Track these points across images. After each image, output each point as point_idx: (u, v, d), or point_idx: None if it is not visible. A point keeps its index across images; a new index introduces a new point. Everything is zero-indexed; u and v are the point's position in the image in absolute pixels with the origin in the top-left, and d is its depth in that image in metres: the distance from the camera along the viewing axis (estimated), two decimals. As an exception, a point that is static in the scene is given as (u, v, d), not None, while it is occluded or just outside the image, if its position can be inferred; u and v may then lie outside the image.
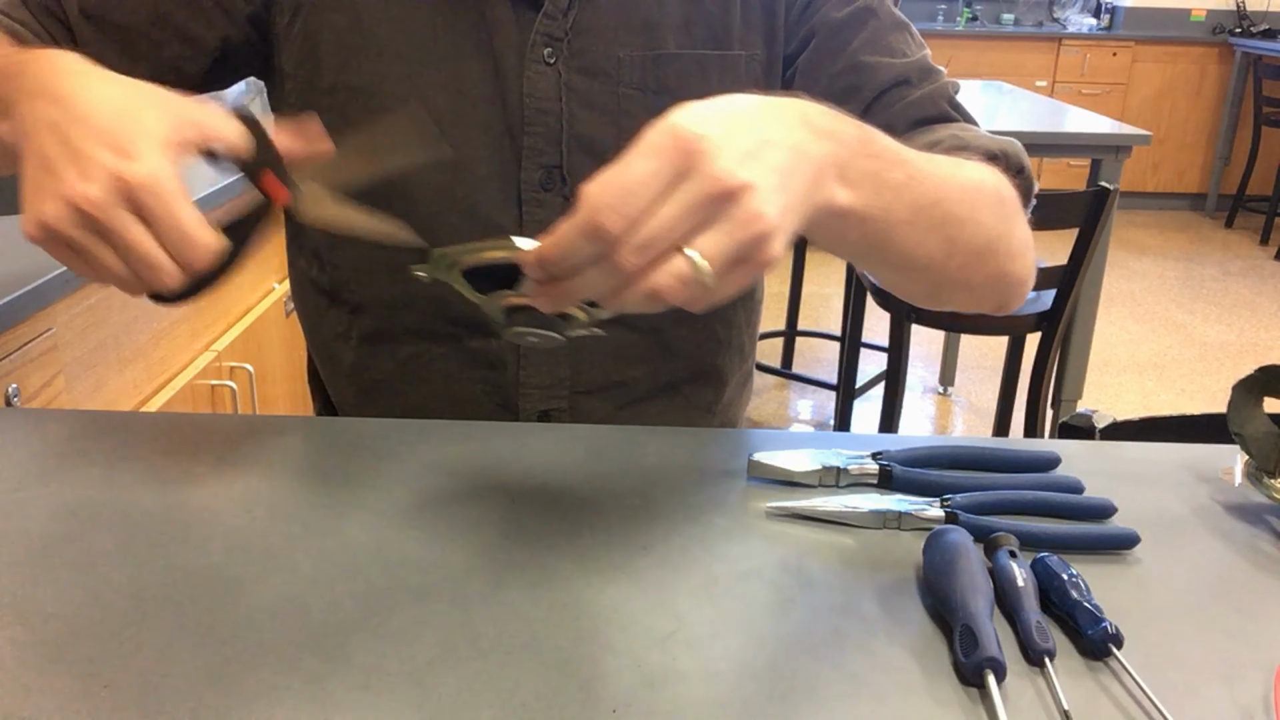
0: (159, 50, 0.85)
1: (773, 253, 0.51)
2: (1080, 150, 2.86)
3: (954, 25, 6.18)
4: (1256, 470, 0.73)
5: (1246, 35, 5.93)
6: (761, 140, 0.52)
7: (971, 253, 0.73)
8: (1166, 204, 6.26)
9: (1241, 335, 4.21)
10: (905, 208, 0.64)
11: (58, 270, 1.30)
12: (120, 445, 0.78)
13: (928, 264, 0.70)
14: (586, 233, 0.49)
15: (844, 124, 0.60)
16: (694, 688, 0.54)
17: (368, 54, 0.85)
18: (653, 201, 0.49)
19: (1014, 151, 0.83)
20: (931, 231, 0.68)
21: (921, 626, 0.59)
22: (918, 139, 0.82)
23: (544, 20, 0.83)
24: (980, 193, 0.73)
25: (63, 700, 0.52)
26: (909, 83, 0.87)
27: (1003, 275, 0.78)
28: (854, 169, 0.59)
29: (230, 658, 0.55)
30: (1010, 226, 0.77)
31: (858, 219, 0.61)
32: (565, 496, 0.72)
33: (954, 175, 0.71)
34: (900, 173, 0.64)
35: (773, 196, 0.51)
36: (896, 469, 0.74)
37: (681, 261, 0.49)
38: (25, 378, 1.26)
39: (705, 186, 0.49)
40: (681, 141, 0.50)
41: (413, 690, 0.53)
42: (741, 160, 0.50)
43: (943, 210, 0.68)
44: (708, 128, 0.51)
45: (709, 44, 0.86)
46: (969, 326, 2.63)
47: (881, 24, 0.88)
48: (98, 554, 0.64)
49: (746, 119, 0.53)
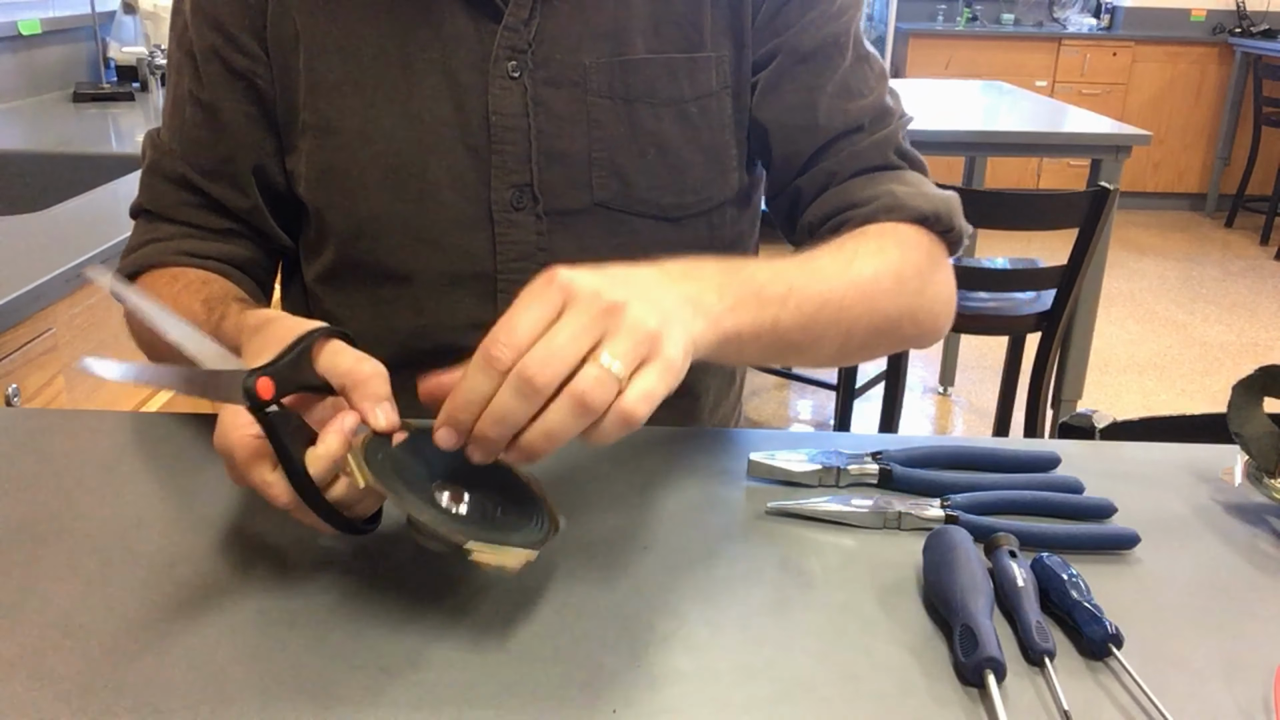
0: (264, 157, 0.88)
1: (669, 351, 0.55)
2: (1080, 150, 2.86)
3: (954, 25, 6.18)
4: (1256, 470, 0.73)
5: (1246, 35, 5.93)
6: (627, 277, 0.58)
7: (871, 333, 0.78)
8: (1166, 204, 6.26)
9: (1241, 335, 4.21)
10: (792, 316, 0.70)
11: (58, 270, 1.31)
12: (120, 445, 0.78)
13: (830, 353, 0.77)
14: (481, 366, 0.54)
15: (701, 266, 0.66)
16: (694, 688, 0.54)
17: (322, 91, 0.83)
18: (542, 332, 0.54)
19: (946, 211, 0.85)
20: (826, 328, 0.74)
21: (921, 626, 0.59)
22: (859, 190, 0.85)
23: (505, 32, 0.81)
24: (876, 283, 0.77)
25: (63, 700, 0.52)
26: (860, 129, 0.87)
27: (910, 339, 0.84)
28: (729, 295, 0.65)
29: (230, 657, 0.55)
30: (918, 299, 0.82)
31: (751, 335, 0.67)
32: (565, 497, 0.72)
33: (843, 273, 0.76)
34: (779, 286, 0.69)
35: (649, 309, 0.56)
36: (896, 469, 0.74)
37: (590, 365, 0.53)
38: (25, 378, 1.26)
39: (589, 307, 0.54)
40: (558, 285, 0.55)
41: (412, 690, 0.53)
42: (613, 288, 0.56)
43: (833, 309, 0.74)
44: (579, 275, 0.56)
45: (680, 46, 0.84)
46: (969, 327, 2.63)
47: (845, 62, 0.87)
48: (98, 554, 0.64)
49: (613, 271, 0.58)
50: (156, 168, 0.89)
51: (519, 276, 0.84)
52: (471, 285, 0.85)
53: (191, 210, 0.88)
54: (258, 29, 0.84)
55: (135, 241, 0.89)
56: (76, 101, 2.59)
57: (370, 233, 0.85)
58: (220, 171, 0.87)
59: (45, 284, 1.27)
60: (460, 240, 0.84)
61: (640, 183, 0.84)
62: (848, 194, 0.86)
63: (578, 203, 0.84)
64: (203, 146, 0.87)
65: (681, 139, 0.85)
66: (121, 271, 0.88)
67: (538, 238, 0.84)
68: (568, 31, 0.82)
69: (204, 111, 0.86)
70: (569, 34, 0.82)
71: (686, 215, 0.87)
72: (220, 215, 0.88)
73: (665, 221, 0.86)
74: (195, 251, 0.86)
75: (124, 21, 2.86)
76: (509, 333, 0.54)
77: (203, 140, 0.87)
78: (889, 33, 5.68)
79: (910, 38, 5.95)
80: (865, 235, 0.81)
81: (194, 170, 0.87)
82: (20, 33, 2.48)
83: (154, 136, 0.91)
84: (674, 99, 0.84)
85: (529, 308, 0.55)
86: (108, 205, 1.66)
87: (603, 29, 0.82)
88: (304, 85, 0.84)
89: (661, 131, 0.84)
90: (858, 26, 0.90)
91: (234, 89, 0.85)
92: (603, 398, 0.53)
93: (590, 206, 0.84)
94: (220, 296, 0.78)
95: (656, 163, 0.84)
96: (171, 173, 0.88)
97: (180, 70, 0.87)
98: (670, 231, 0.87)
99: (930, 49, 5.98)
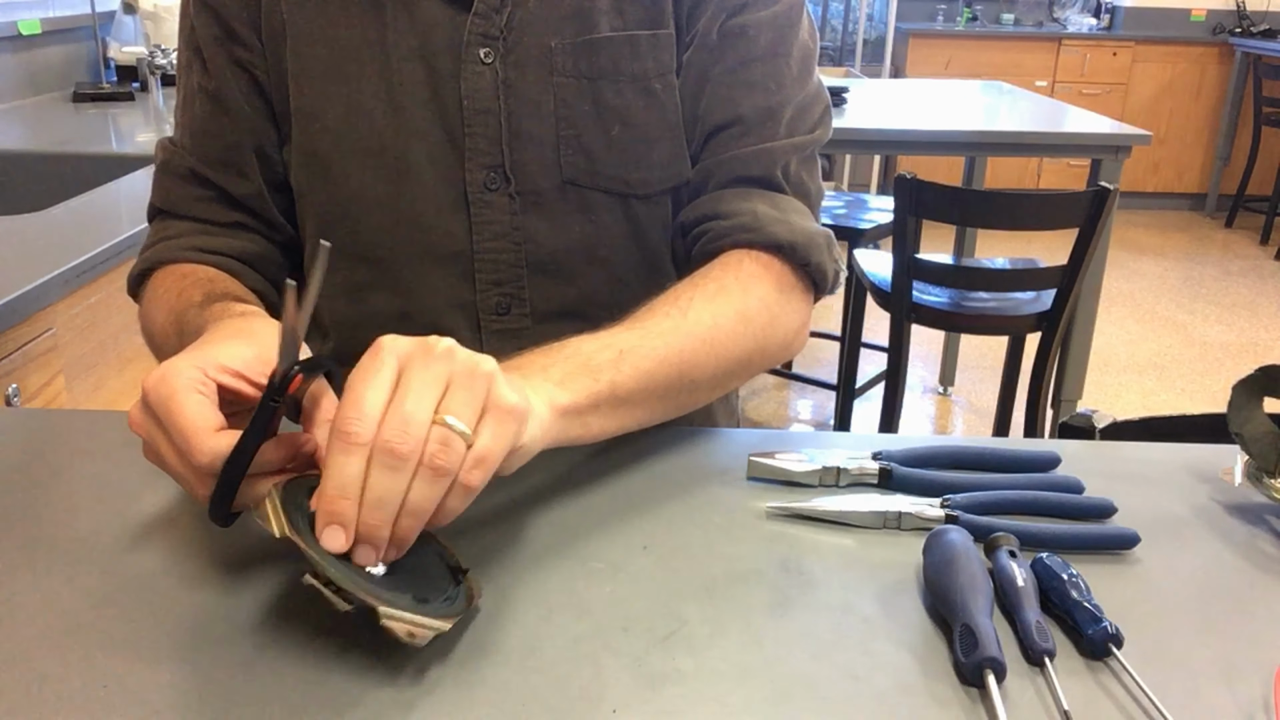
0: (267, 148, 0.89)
1: (505, 396, 0.56)
2: (1080, 150, 2.86)
3: (954, 25, 6.18)
4: (1256, 470, 0.73)
5: (1246, 35, 5.93)
6: (445, 351, 0.57)
7: (722, 375, 0.79)
8: (1166, 204, 6.26)
9: (1241, 335, 4.21)
10: (629, 376, 0.70)
11: (58, 270, 1.31)
12: (120, 445, 0.78)
13: (680, 402, 0.77)
14: (341, 449, 0.52)
15: (523, 356, 0.68)
16: (694, 688, 0.54)
17: (306, 79, 0.86)
18: (388, 401, 0.53)
19: (804, 244, 0.85)
20: (671, 382, 0.74)
21: (921, 626, 0.59)
22: (726, 202, 0.86)
23: (476, 19, 0.83)
24: (715, 329, 0.77)
25: (62, 700, 0.52)
26: (741, 123, 0.86)
27: (761, 369, 0.85)
28: (555, 372, 0.67)
29: (230, 657, 0.55)
30: (766, 332, 0.82)
31: (589, 405, 0.68)
32: (565, 496, 0.72)
33: (678, 327, 0.76)
34: (608, 353, 0.70)
35: (479, 357, 0.56)
36: (896, 469, 0.74)
37: (437, 429, 0.53)
38: (25, 378, 1.26)
39: (424, 361, 0.55)
40: (387, 351, 0.55)
41: (412, 690, 0.53)
42: (440, 341, 0.56)
43: (673, 364, 0.74)
44: (402, 338, 0.56)
45: (643, 24, 0.85)
46: (969, 327, 2.63)
47: (751, 53, 0.86)
48: (98, 554, 0.64)
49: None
50: (167, 167, 0.91)
51: (494, 255, 0.87)
52: (451, 265, 0.87)
53: (201, 204, 0.90)
54: (255, 22, 0.86)
55: (150, 240, 0.91)
56: (76, 101, 2.59)
57: (353, 214, 0.87)
58: (227, 160, 0.89)
59: (45, 284, 1.27)
60: (439, 221, 0.86)
61: (607, 159, 0.86)
62: (715, 203, 0.87)
63: (548, 182, 0.86)
64: (211, 137, 0.89)
65: (645, 115, 0.86)
66: (135, 270, 0.89)
67: (511, 217, 0.86)
68: (537, 17, 0.84)
69: (212, 102, 0.88)
70: (538, 19, 0.84)
71: (654, 192, 0.88)
72: (229, 207, 0.90)
73: (634, 199, 0.88)
74: (205, 247, 0.88)
75: (124, 21, 2.86)
76: (357, 408, 0.53)
77: (211, 131, 0.89)
78: (889, 33, 5.68)
79: (910, 38, 5.95)
80: (707, 276, 0.81)
81: (202, 162, 0.89)
82: (20, 33, 2.48)
83: (165, 141, 0.93)
84: (637, 75, 0.86)
85: (369, 380, 0.54)
86: (108, 205, 1.66)
87: (569, 11, 0.84)
88: (289, 74, 0.86)
89: (625, 107, 0.85)
90: (790, 26, 0.88)
91: (239, 79, 0.87)
92: (453, 459, 0.53)
93: (560, 185, 0.86)
94: (221, 294, 0.80)
95: (622, 139, 0.86)
96: (181, 168, 0.90)
97: (189, 68, 0.90)
98: (639, 208, 0.88)
99: (930, 49, 5.98)
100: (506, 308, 0.88)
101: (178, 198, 0.90)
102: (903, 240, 2.35)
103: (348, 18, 0.85)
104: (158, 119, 2.44)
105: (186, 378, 0.58)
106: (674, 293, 0.80)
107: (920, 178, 2.27)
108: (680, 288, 0.81)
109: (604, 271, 0.89)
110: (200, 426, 0.56)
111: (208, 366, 0.59)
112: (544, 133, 0.85)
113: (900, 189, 2.30)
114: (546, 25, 0.84)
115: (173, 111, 1.00)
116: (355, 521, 0.53)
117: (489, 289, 0.88)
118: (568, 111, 0.85)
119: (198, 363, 0.59)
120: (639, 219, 0.88)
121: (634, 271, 0.90)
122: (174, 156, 0.91)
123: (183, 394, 0.57)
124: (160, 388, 0.58)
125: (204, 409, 0.57)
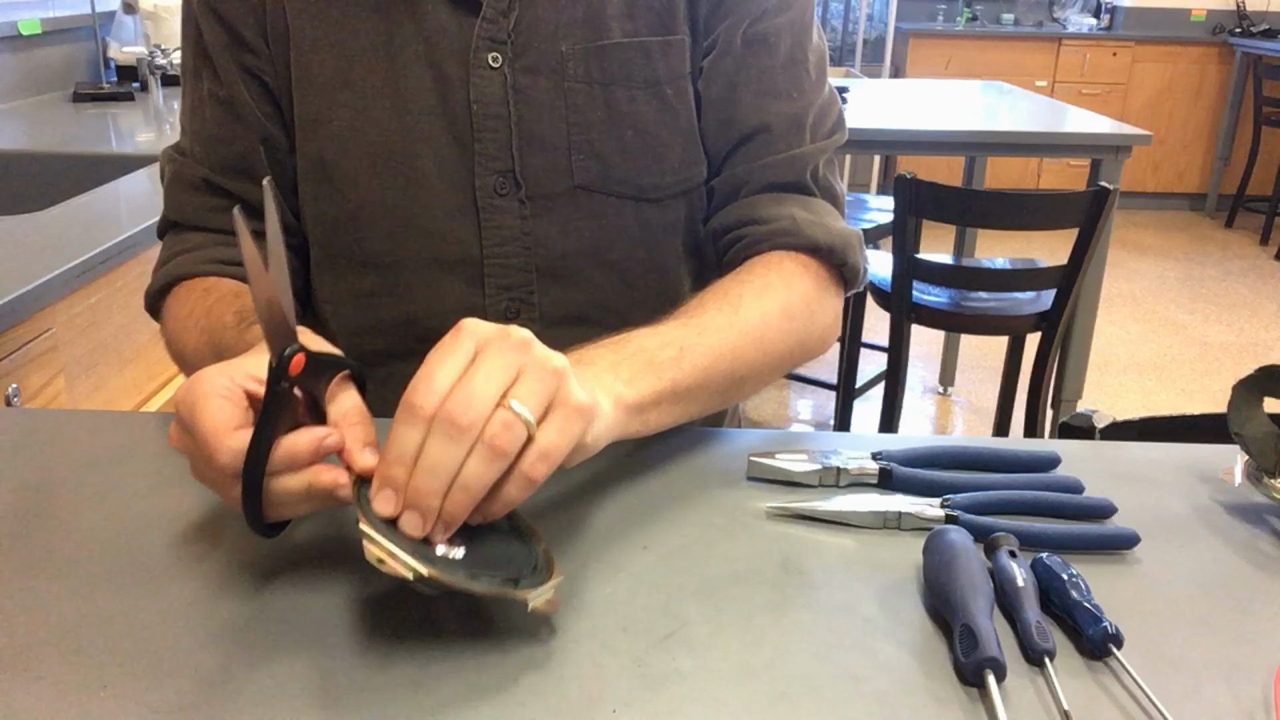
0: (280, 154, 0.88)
1: (574, 394, 0.57)
2: (1080, 150, 2.86)
3: (954, 25, 6.18)
4: (1256, 470, 0.73)
5: (1246, 35, 5.93)
6: (522, 341, 0.57)
7: (766, 370, 0.82)
8: (1166, 204, 6.26)
9: (1241, 335, 4.21)
10: (688, 375, 0.72)
11: (58, 270, 1.31)
12: (120, 445, 0.78)
13: (728, 395, 0.79)
14: (405, 419, 0.54)
15: (589, 352, 0.68)
16: (694, 688, 0.54)
17: (312, 85, 0.85)
18: (459, 379, 0.54)
19: (841, 246, 0.87)
20: (724, 377, 0.76)
21: (921, 626, 0.59)
22: (762, 207, 0.87)
23: (484, 24, 0.83)
24: (764, 326, 0.80)
25: (63, 700, 0.52)
26: (771, 130, 0.87)
27: (799, 364, 0.87)
28: (624, 371, 0.68)
29: (229, 656, 0.55)
30: (807, 328, 0.84)
31: (653, 403, 0.69)
32: (565, 496, 0.72)
33: (731, 323, 0.78)
34: (669, 350, 0.72)
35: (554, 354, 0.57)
36: (896, 469, 0.74)
37: (502, 411, 0.54)
38: (25, 378, 1.26)
39: (500, 347, 0.56)
40: (467, 333, 0.57)
41: (412, 690, 0.53)
42: (519, 330, 0.57)
43: (727, 359, 0.76)
44: (485, 323, 0.58)
45: (654, 29, 0.85)
46: (969, 327, 2.63)
47: (774, 61, 0.87)
48: (98, 554, 0.64)
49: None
50: (178, 178, 0.90)
51: (504, 260, 0.86)
52: (460, 271, 0.87)
53: (216, 214, 0.88)
54: (261, 28, 0.85)
55: (165, 255, 0.89)
56: (76, 101, 2.59)
57: (360, 221, 0.86)
58: (240, 167, 0.87)
59: (45, 284, 1.27)
60: (448, 227, 0.86)
61: (620, 164, 0.86)
62: (751, 209, 0.88)
63: (559, 186, 0.86)
64: (223, 143, 0.87)
65: (658, 120, 0.86)
66: (153, 286, 0.88)
67: (521, 222, 0.86)
68: (545, 20, 0.84)
69: (224, 108, 0.87)
70: (547, 23, 0.84)
71: (666, 196, 0.88)
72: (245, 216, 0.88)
73: (645, 202, 0.88)
74: (226, 259, 0.86)
75: (124, 21, 2.86)
76: (428, 383, 0.54)
77: (223, 138, 0.87)
78: (889, 33, 5.68)
79: (910, 37, 5.95)
80: (751, 273, 0.83)
81: (215, 170, 0.88)
82: (20, 33, 2.48)
83: (171, 151, 0.91)
84: (649, 81, 0.86)
85: (444, 359, 0.55)
86: (108, 205, 1.66)
87: (579, 16, 0.84)
88: (294, 80, 0.85)
89: (638, 113, 0.85)
90: (805, 30, 0.89)
91: (250, 85, 0.86)
92: (512, 442, 0.54)
93: (571, 189, 0.86)
94: (251, 309, 0.78)
95: (635, 144, 0.86)
96: (193, 179, 0.89)
97: (198, 74, 0.88)
98: (651, 212, 0.88)
99: (930, 49, 5.98)
100: (515, 312, 0.88)
101: (192, 209, 0.89)
102: (903, 240, 2.35)
103: (353, 23, 0.84)
104: (158, 119, 2.44)
105: (211, 385, 0.58)
106: (721, 288, 0.81)
107: (920, 178, 2.27)
108: (726, 283, 0.82)
109: (613, 275, 0.89)
110: (220, 427, 0.56)
111: (235, 375, 0.59)
112: (555, 137, 0.85)
113: (900, 189, 2.30)
114: (556, 29, 0.84)
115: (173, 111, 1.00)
116: (404, 486, 0.53)
117: (498, 294, 0.87)
118: (580, 117, 0.85)
119: (225, 372, 0.59)
120: (650, 222, 0.88)
121: (643, 275, 0.90)
122: (184, 167, 0.89)
123: (205, 399, 0.57)
124: (187, 397, 0.58)
125: (224, 410, 0.57)
